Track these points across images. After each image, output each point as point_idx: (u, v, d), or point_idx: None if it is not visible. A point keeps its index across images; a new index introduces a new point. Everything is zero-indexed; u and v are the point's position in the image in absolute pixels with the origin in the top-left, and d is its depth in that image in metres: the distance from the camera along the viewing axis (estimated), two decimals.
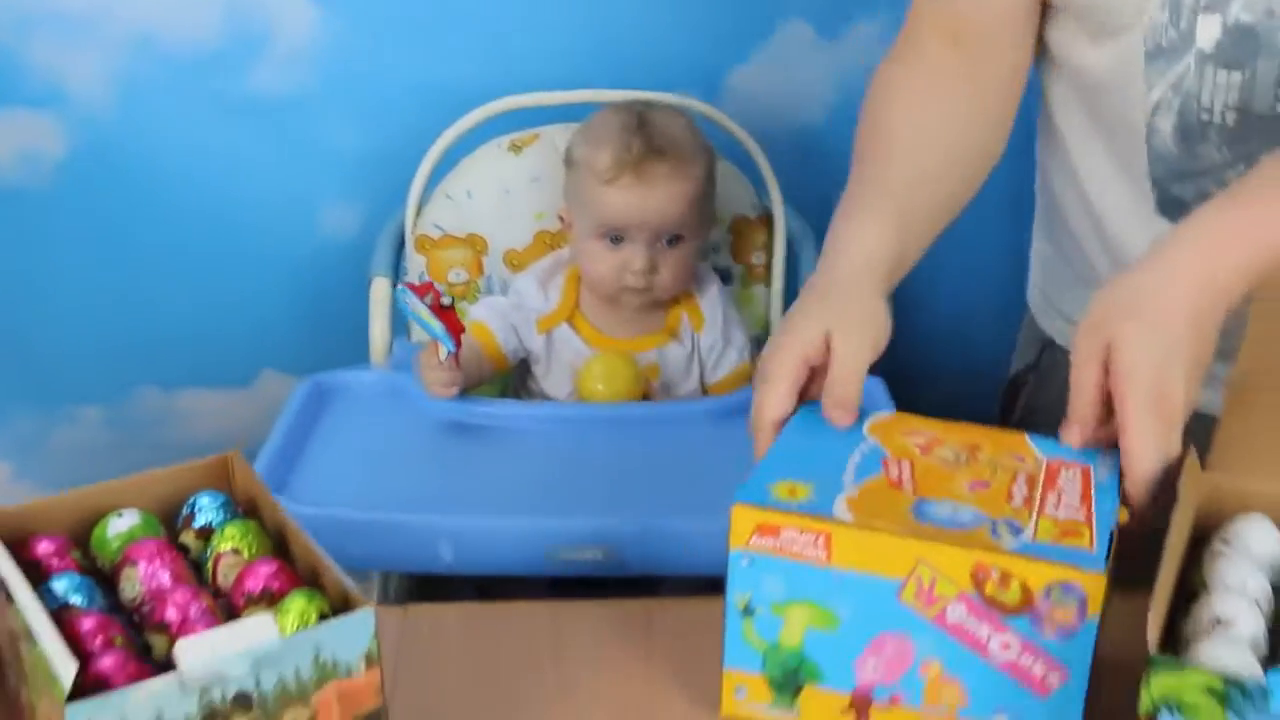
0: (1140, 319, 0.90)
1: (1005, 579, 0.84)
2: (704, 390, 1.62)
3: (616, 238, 1.54)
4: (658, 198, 1.52)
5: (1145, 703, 0.76)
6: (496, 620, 1.09)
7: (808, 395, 1.01)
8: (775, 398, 0.99)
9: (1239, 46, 1.06)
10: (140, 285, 1.93)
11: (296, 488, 1.29)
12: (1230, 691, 0.74)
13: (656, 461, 1.37)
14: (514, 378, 1.65)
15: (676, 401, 1.54)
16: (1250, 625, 0.82)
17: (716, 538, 1.20)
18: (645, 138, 1.53)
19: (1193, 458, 0.92)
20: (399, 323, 1.67)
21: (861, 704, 0.91)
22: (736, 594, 0.91)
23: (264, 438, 1.54)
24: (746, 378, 1.63)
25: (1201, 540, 0.90)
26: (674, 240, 1.55)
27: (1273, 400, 0.97)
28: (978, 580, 0.85)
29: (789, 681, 0.92)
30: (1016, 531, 0.87)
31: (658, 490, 1.31)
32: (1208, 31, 1.06)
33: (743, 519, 0.89)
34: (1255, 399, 0.97)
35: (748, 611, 0.92)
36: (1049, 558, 0.84)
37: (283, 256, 1.92)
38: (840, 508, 0.88)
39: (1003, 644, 0.86)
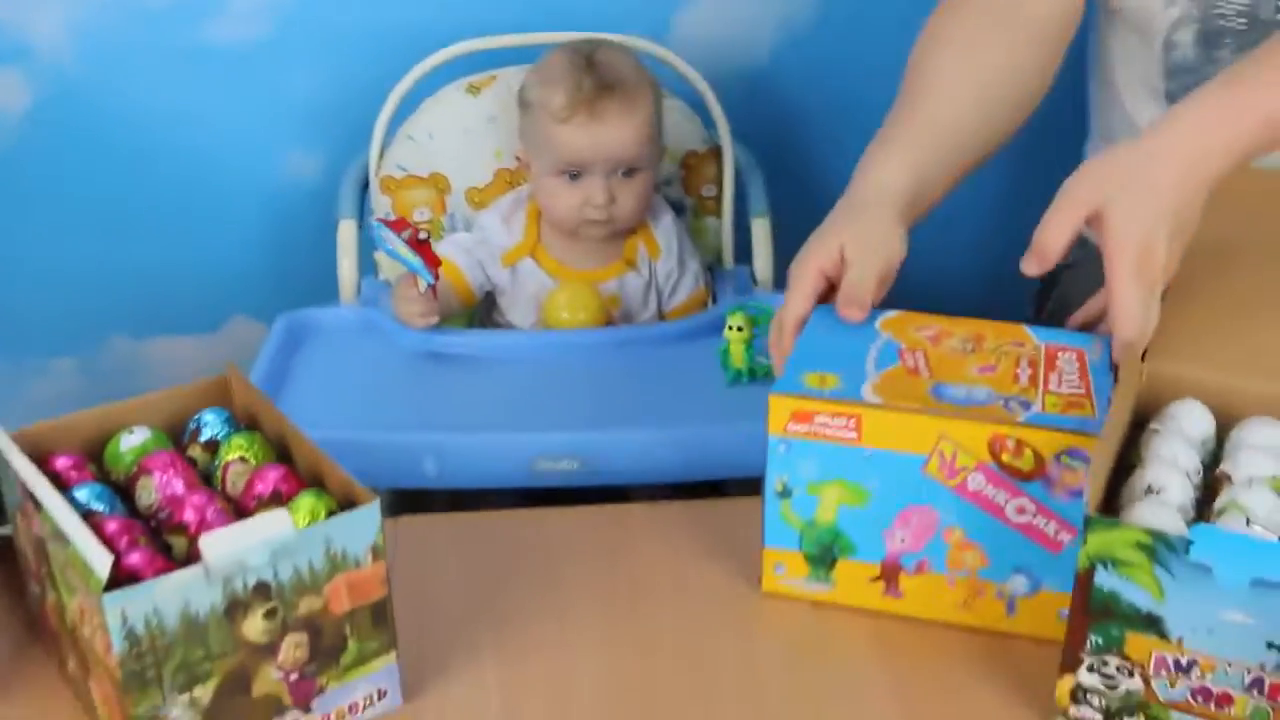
0: (1132, 190, 0.99)
1: (1020, 448, 0.93)
2: (662, 316, 1.69)
3: (575, 174, 1.60)
4: (611, 132, 1.58)
5: (1083, 559, 0.85)
6: (484, 527, 1.16)
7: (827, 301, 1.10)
8: (795, 300, 1.08)
9: None
10: (108, 236, 1.97)
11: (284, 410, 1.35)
12: (1157, 545, 0.82)
13: (624, 381, 1.44)
14: (479, 311, 1.72)
15: (639, 325, 1.61)
16: (1179, 493, 0.90)
17: (682, 446, 1.31)
18: (595, 76, 1.59)
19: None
20: (366, 262, 1.73)
21: (891, 572, 1.00)
22: (775, 477, 1.00)
23: None
24: (702, 302, 1.71)
25: (1140, 425, 0.99)
26: (629, 172, 1.61)
27: (1207, 292, 1.07)
28: (994, 451, 0.94)
29: (824, 555, 1.01)
30: (1026, 406, 0.95)
31: (627, 406, 1.39)
32: None
33: (779, 407, 0.97)
34: (1191, 290, 1.07)
35: (785, 493, 1.00)
36: (1059, 426, 0.93)
37: (248, 203, 1.97)
38: (868, 392, 0.97)
39: (1019, 508, 0.95)
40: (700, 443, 1.31)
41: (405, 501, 1.36)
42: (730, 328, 1.38)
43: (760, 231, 1.73)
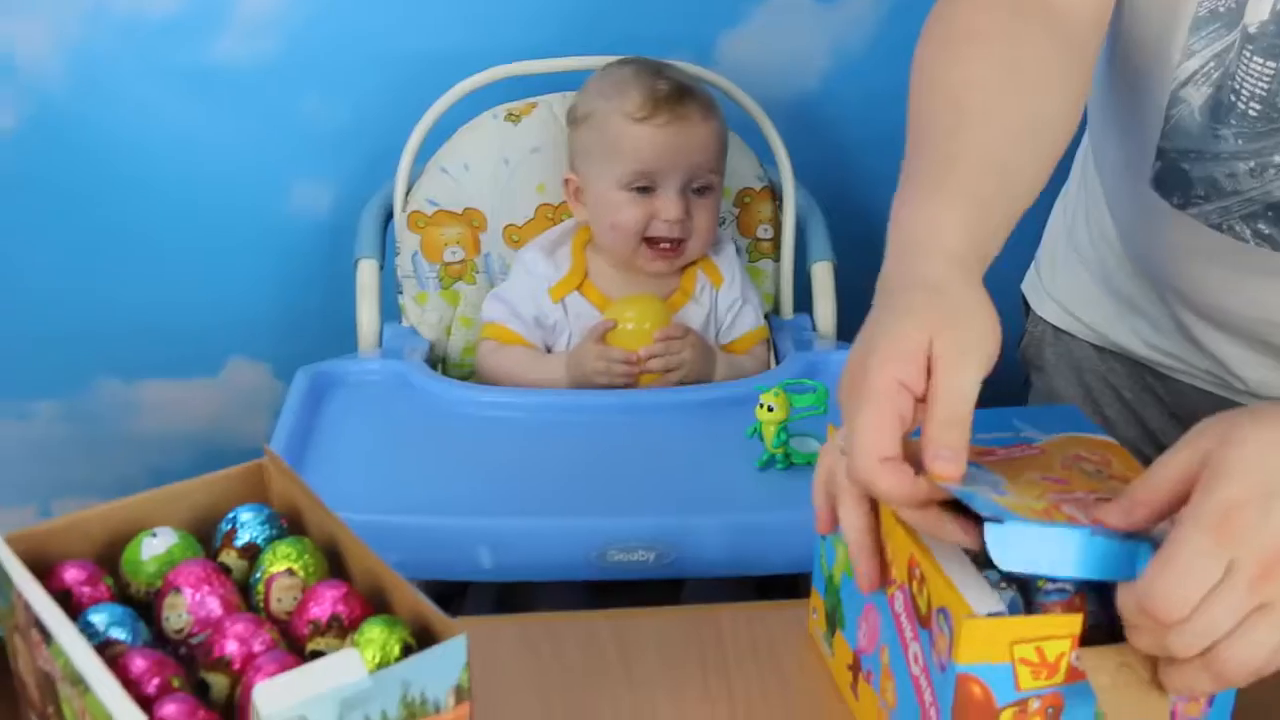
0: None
1: (922, 582, 0.76)
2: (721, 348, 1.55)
3: (645, 187, 1.46)
4: (693, 135, 1.46)
5: None
6: (554, 631, 1.00)
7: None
8: (882, 433, 0.76)
9: None
10: (97, 269, 1.82)
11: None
12: None
13: (698, 447, 1.30)
14: None
15: (706, 386, 1.46)
16: None
17: (769, 533, 1.15)
18: (669, 79, 1.48)
19: None
20: (388, 307, 1.58)
21: (855, 667, 0.87)
22: None
23: (233, 430, 1.44)
24: (762, 339, 1.57)
25: None
26: (702, 190, 1.48)
27: None
28: (911, 574, 0.77)
29: (831, 619, 0.91)
30: None
31: (705, 480, 1.24)
32: (1256, 12, 1.00)
33: None
34: None
35: (823, 535, 0.90)
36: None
37: (250, 238, 1.82)
38: None
39: (914, 655, 0.78)
40: (782, 531, 1.14)
41: (438, 594, 1.20)
42: (762, 406, 1.23)
43: (822, 277, 1.60)
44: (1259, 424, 0.73)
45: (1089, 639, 0.73)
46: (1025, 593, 0.76)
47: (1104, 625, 0.74)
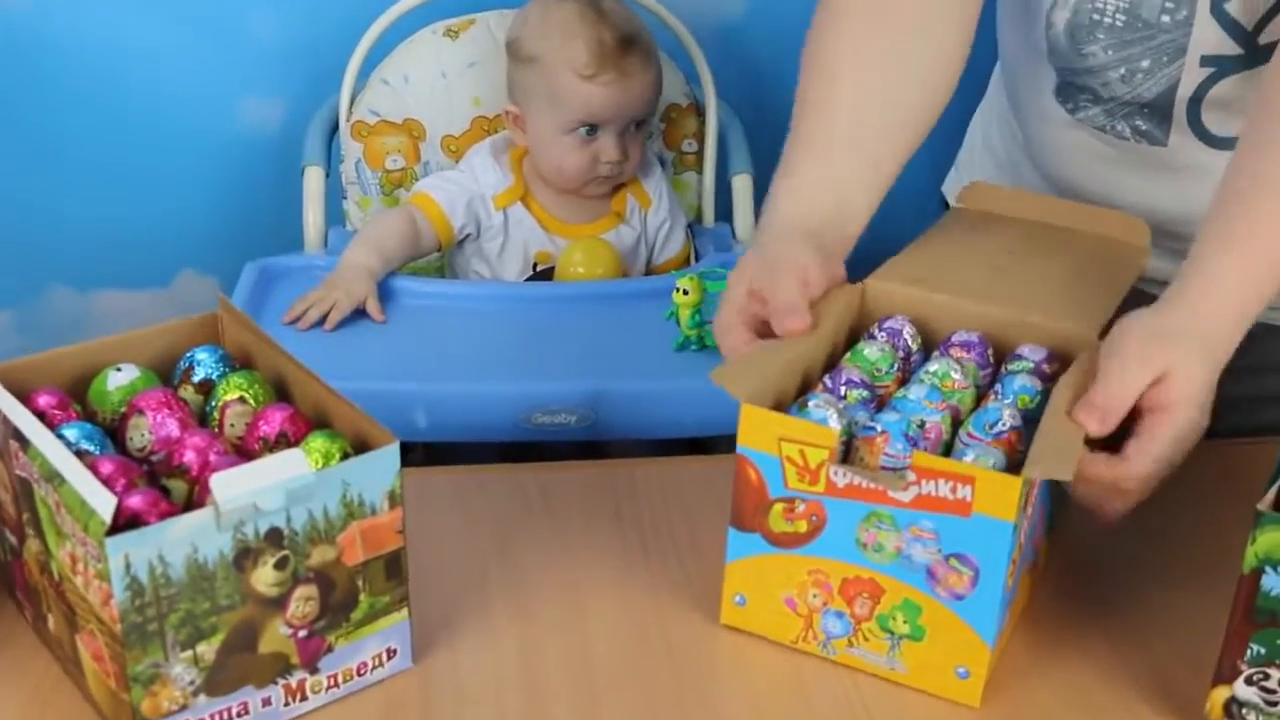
0: (1202, 364, 0.90)
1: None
2: (650, 269, 1.63)
3: (590, 129, 1.53)
4: (636, 87, 1.53)
5: (1250, 559, 0.78)
6: (486, 482, 1.09)
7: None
8: (731, 305, 0.98)
9: None
10: (50, 180, 1.87)
11: None
12: None
13: (617, 335, 1.38)
14: (449, 257, 1.65)
15: (632, 280, 1.55)
16: None
17: (685, 399, 1.25)
18: (614, 29, 1.52)
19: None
20: (334, 213, 1.65)
21: None
22: None
23: None
24: (687, 259, 1.66)
25: None
26: (639, 125, 1.56)
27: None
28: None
29: None
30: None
31: (624, 360, 1.33)
32: None
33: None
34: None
35: None
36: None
37: (201, 151, 1.87)
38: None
39: None
40: (695, 398, 1.25)
41: None
42: (678, 290, 1.32)
43: (742, 188, 1.68)
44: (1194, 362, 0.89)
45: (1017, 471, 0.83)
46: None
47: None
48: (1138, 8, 1.08)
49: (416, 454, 1.34)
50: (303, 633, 0.83)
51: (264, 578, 0.79)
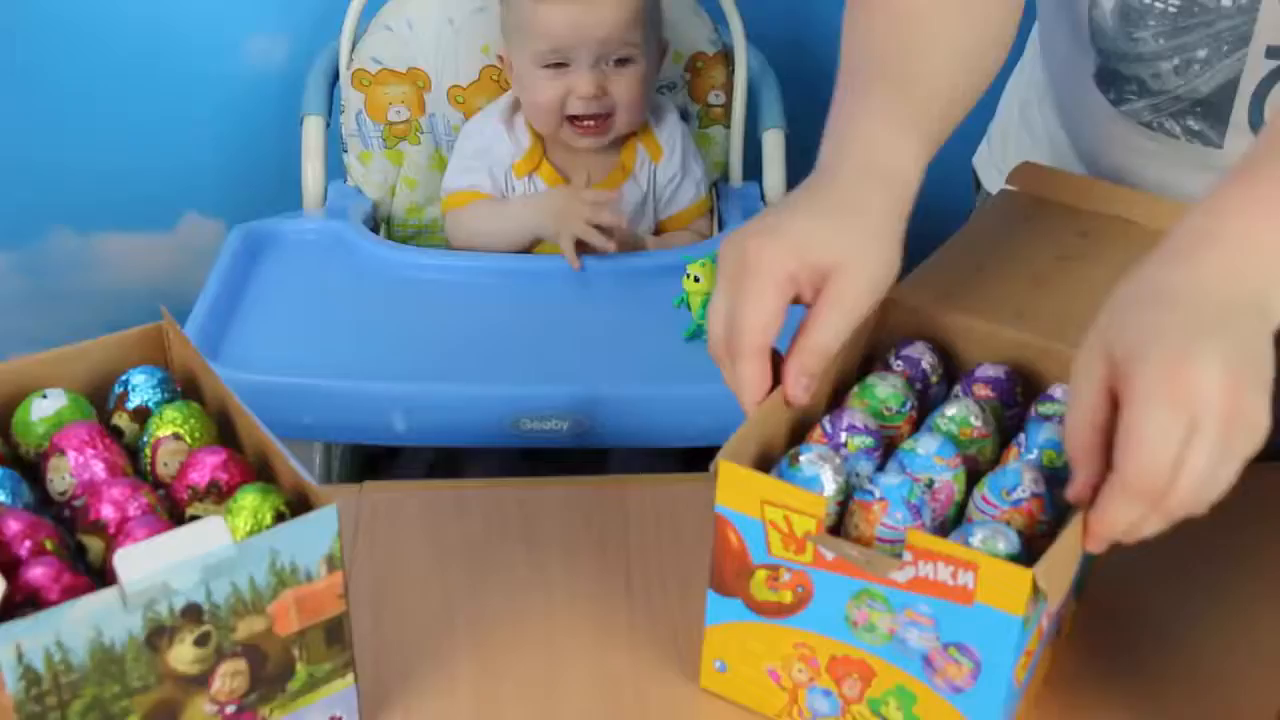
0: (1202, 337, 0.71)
1: None
2: (658, 226, 1.53)
3: (560, 63, 1.42)
4: (599, 11, 1.40)
5: None
6: (461, 500, 1.01)
7: None
8: (764, 314, 0.78)
9: None
10: (51, 120, 1.79)
11: (232, 351, 1.20)
12: None
13: (622, 319, 1.28)
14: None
15: (639, 255, 1.44)
16: None
17: (687, 405, 1.15)
18: None
19: None
20: (334, 165, 1.56)
21: None
22: None
23: (188, 285, 1.43)
24: (703, 211, 1.55)
25: None
26: (622, 61, 1.43)
27: None
28: None
29: None
30: None
31: (623, 353, 1.23)
32: None
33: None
34: None
35: None
36: None
37: (204, 91, 1.79)
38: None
39: None
40: (701, 403, 1.14)
41: (372, 454, 1.21)
42: (689, 276, 1.22)
43: (773, 144, 1.57)
44: (1131, 301, 0.72)
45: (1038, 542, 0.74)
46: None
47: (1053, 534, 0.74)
48: None
49: (421, 462, 1.26)
50: (231, 708, 0.75)
51: (182, 656, 0.72)
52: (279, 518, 0.76)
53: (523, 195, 1.47)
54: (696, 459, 1.24)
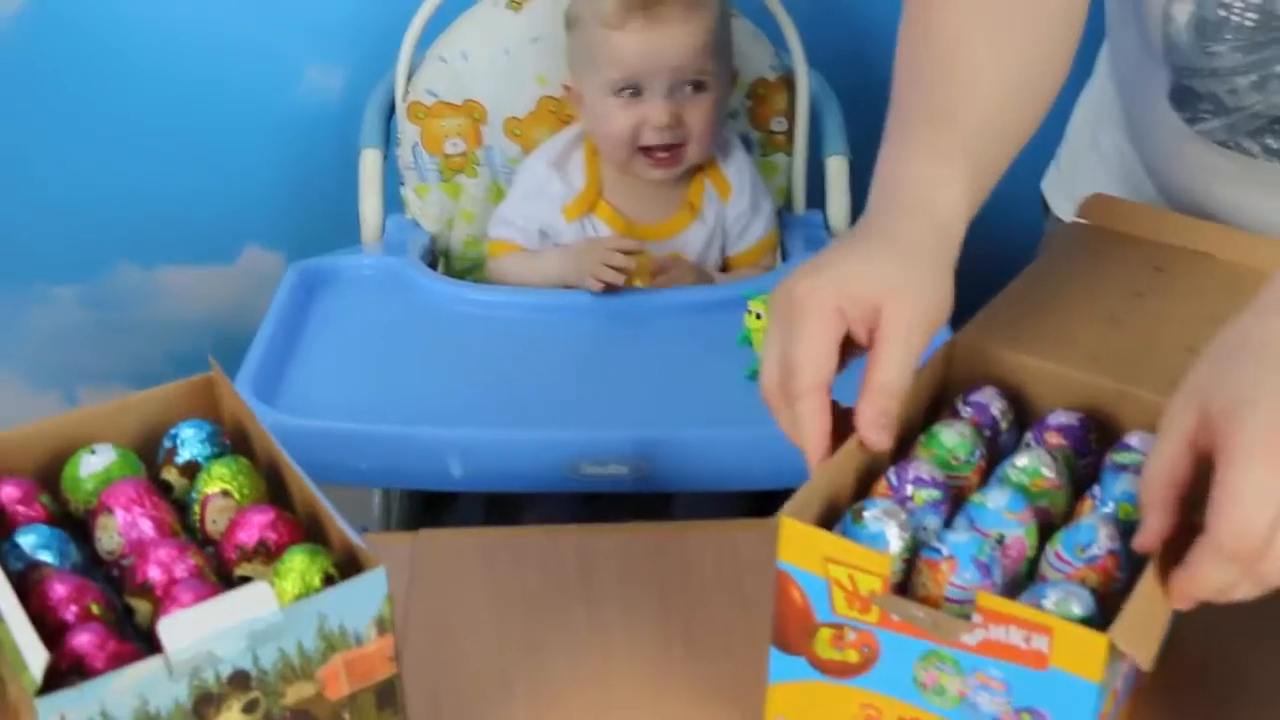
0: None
1: None
2: (725, 264, 1.50)
3: (633, 91, 1.40)
4: (674, 36, 1.38)
5: None
6: (517, 547, 0.99)
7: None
8: (816, 354, 0.77)
9: None
10: (112, 155, 1.80)
11: (288, 393, 1.18)
12: None
13: (683, 356, 1.26)
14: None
15: (700, 287, 1.41)
16: None
17: (752, 448, 1.12)
18: None
19: None
20: (392, 199, 1.55)
21: None
22: None
23: (249, 317, 1.42)
24: (772, 248, 1.52)
25: None
26: (697, 87, 1.41)
27: None
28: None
29: None
30: None
31: (685, 393, 1.20)
32: None
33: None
34: None
35: None
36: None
37: (263, 123, 1.79)
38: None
39: None
40: (766, 445, 1.10)
41: (431, 498, 1.20)
42: (751, 313, 1.19)
43: (836, 172, 1.53)
44: (1231, 353, 0.70)
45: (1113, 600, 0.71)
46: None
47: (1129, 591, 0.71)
48: (1272, 4, 0.92)
49: (475, 516, 1.24)
50: None
51: None
52: (328, 580, 0.74)
53: (555, 247, 1.46)
54: (765, 500, 1.22)
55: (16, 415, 1.91)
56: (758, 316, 1.18)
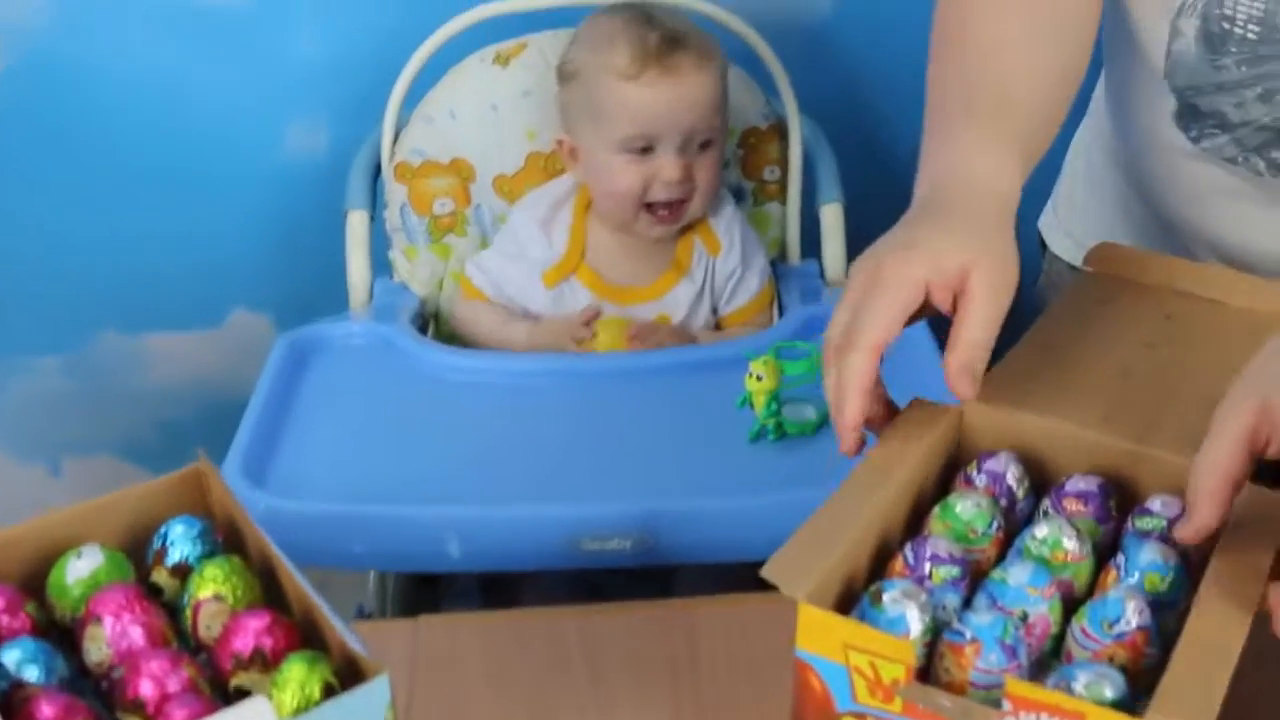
0: None
1: None
2: (717, 323, 1.47)
3: (644, 148, 1.37)
4: (689, 90, 1.35)
5: None
6: (518, 630, 0.96)
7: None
8: (886, 316, 0.80)
9: None
10: (93, 220, 1.76)
11: (279, 475, 1.15)
12: None
13: (683, 422, 1.22)
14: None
15: (698, 346, 1.39)
16: None
17: (758, 518, 1.09)
18: (659, 29, 1.36)
19: None
20: (379, 261, 1.52)
21: None
22: None
23: (238, 381, 1.40)
24: (767, 304, 1.49)
25: None
26: (705, 145, 1.38)
27: None
28: None
29: None
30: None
31: (689, 460, 1.17)
32: None
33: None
34: None
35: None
36: None
37: (247, 184, 1.76)
38: None
39: None
40: (770, 515, 1.07)
41: (428, 578, 1.16)
42: (751, 375, 1.16)
43: (832, 219, 1.51)
44: None
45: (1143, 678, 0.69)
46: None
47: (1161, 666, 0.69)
48: (1274, 16, 0.92)
49: (472, 591, 1.21)
50: None
51: None
52: (328, 689, 0.71)
53: (525, 321, 1.44)
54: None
55: (2, 489, 1.89)
56: (759, 379, 1.15)
